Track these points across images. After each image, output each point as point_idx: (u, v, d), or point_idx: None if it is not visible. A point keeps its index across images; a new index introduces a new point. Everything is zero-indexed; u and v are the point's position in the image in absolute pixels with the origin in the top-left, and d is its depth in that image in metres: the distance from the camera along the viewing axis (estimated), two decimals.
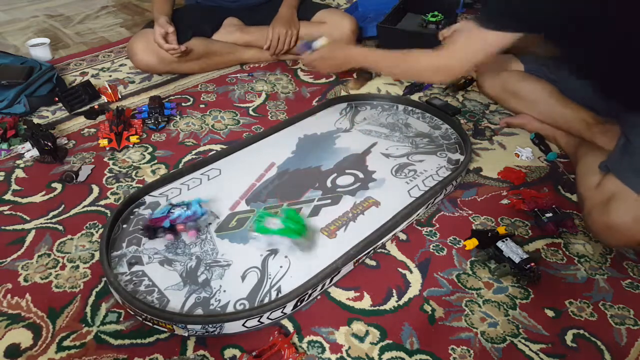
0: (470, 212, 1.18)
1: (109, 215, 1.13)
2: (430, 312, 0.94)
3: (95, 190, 1.21)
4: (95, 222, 1.12)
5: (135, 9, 2.37)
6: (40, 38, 1.87)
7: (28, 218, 1.12)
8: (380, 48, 1.90)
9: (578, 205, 1.17)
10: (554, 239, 1.11)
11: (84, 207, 1.16)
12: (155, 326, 0.88)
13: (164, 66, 1.65)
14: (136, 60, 1.64)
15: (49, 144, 1.27)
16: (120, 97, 1.58)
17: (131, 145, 1.36)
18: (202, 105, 1.56)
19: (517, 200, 1.19)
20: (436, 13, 1.99)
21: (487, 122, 1.51)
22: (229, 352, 0.86)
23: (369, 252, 1.04)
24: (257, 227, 1.02)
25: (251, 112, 1.54)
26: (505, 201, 1.20)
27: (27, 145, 1.31)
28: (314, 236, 1.05)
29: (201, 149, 1.37)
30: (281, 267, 0.99)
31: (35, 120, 1.44)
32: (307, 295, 0.92)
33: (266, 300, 0.92)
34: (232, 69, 1.77)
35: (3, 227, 1.10)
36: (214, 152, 1.32)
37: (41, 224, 1.11)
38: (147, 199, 1.15)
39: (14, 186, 1.22)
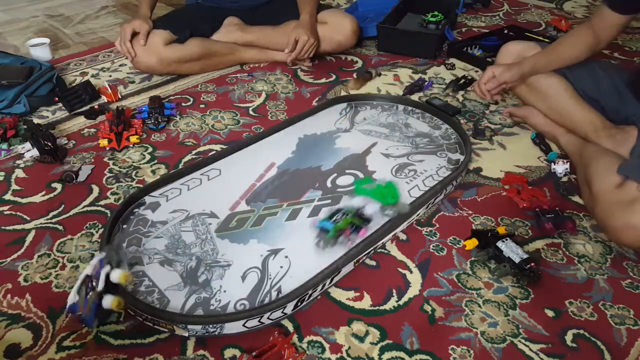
0: (470, 212, 1.18)
1: (109, 215, 1.13)
2: (430, 312, 0.94)
3: (95, 190, 1.21)
4: (95, 222, 1.12)
5: (135, 9, 2.36)
6: (40, 38, 1.87)
7: (28, 218, 1.12)
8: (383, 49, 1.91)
9: (585, 204, 1.17)
10: (554, 239, 1.11)
11: (84, 207, 1.16)
12: (155, 326, 0.88)
13: (164, 67, 1.65)
14: (136, 62, 1.63)
15: (49, 144, 1.27)
16: (120, 97, 1.58)
17: (131, 145, 1.36)
18: (202, 105, 1.56)
19: (512, 189, 1.20)
20: (436, 13, 2.00)
21: (487, 122, 1.51)
22: (229, 352, 0.86)
23: (369, 252, 1.04)
24: (356, 189, 1.13)
25: (251, 112, 1.54)
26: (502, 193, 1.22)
27: (27, 145, 1.31)
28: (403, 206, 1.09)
29: (201, 149, 1.37)
30: (281, 267, 0.99)
31: (35, 120, 1.44)
32: (307, 296, 0.92)
33: (266, 300, 0.92)
34: (232, 69, 1.77)
35: (3, 227, 1.10)
36: (214, 152, 1.32)
37: (41, 224, 1.11)
38: (147, 199, 1.15)
39: (14, 186, 1.22)
